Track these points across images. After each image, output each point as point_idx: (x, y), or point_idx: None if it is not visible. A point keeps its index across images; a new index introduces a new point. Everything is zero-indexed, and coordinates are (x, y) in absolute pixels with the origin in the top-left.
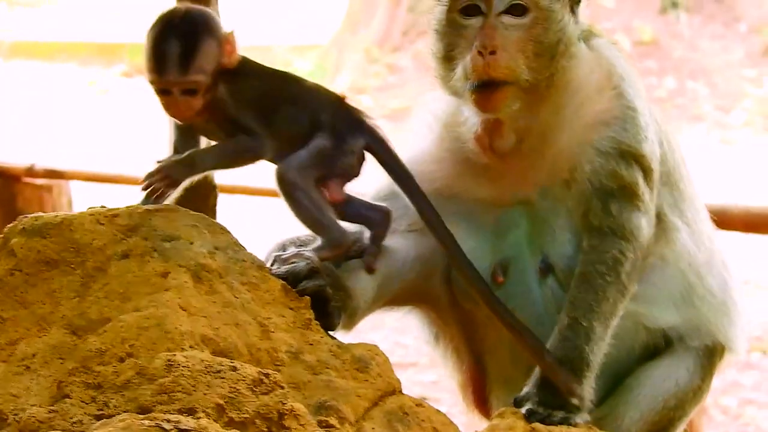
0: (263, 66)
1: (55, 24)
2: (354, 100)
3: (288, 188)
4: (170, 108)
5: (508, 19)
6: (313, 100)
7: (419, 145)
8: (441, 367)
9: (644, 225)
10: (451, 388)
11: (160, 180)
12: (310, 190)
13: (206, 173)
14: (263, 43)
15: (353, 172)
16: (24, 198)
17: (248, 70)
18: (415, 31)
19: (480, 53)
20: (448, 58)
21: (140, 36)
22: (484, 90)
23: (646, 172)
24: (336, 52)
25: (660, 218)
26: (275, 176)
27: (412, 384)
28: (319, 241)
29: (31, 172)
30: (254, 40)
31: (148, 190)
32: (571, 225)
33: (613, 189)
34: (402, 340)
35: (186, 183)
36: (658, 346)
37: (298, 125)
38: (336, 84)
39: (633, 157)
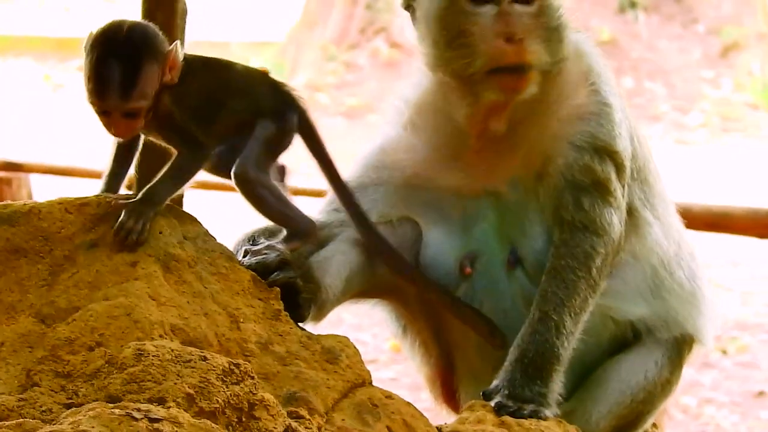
0: (202, 60)
1: (10, 18)
2: (311, 98)
3: (249, 187)
4: (111, 128)
5: (518, 8)
6: (250, 85)
7: (389, 133)
8: (400, 363)
9: (616, 221)
10: (411, 384)
11: (134, 229)
12: (270, 185)
13: None
14: (220, 40)
15: (288, 148)
16: None
17: (189, 71)
18: (372, 29)
19: (508, 39)
20: (456, 45)
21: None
22: (512, 74)
23: (619, 169)
24: (293, 50)
25: (631, 213)
26: (234, 177)
27: (373, 382)
28: (285, 232)
29: None
30: (212, 36)
31: (131, 243)
32: (541, 218)
33: (586, 184)
34: (361, 337)
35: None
36: (626, 338)
37: (242, 114)
38: (293, 82)
39: (607, 153)
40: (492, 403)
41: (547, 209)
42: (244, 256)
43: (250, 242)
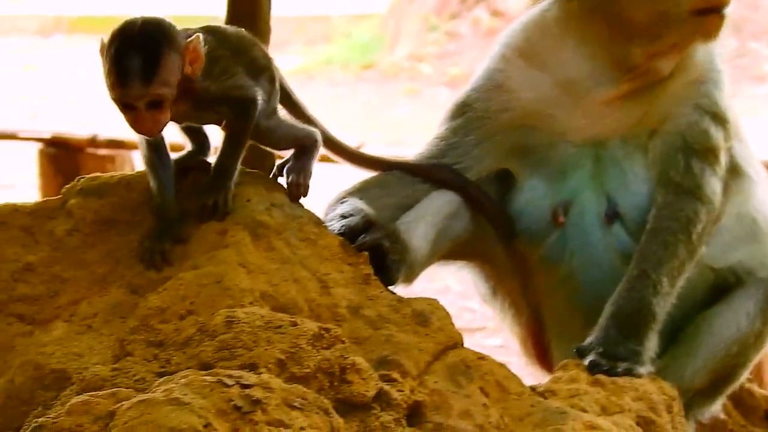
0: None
1: None
2: (414, 69)
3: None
4: (137, 124)
5: None
6: (247, 47)
7: (492, 76)
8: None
9: (719, 190)
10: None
11: (217, 207)
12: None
13: None
14: (321, 13)
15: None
16: (87, 169)
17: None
18: None
19: None
20: None
21: (198, 8)
22: (716, 15)
23: (727, 138)
24: (394, 22)
25: (735, 170)
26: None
27: (480, 348)
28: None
29: (93, 142)
30: (313, 10)
31: (218, 219)
32: (646, 176)
33: (699, 149)
34: (468, 305)
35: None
36: (724, 286)
37: (249, 73)
38: (395, 53)
39: (721, 121)
40: (585, 362)
41: (654, 168)
42: (329, 221)
43: (338, 204)
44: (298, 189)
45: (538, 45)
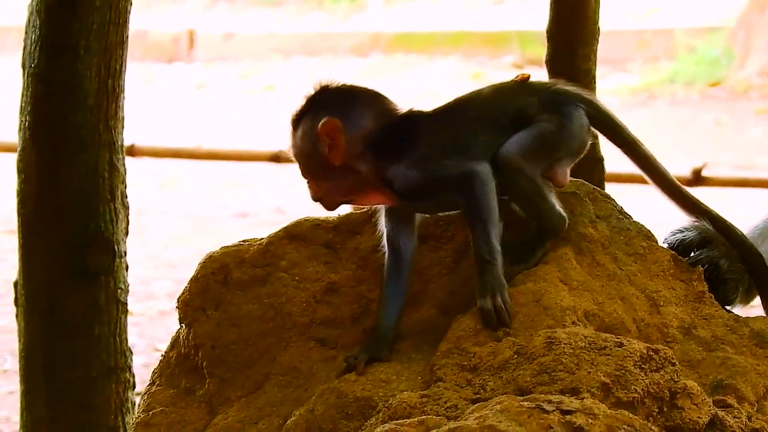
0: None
1: (436, 14)
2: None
3: (513, 174)
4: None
5: None
6: (495, 104)
7: None
8: None
9: None
10: None
11: (497, 310)
12: (534, 176)
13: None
14: (663, 27)
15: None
16: None
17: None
18: None
19: None
20: None
21: (531, 24)
22: None
23: None
24: (744, 34)
25: None
26: (500, 159)
27: None
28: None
29: None
30: (654, 23)
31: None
32: None
33: None
34: None
35: None
36: None
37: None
38: (745, 68)
39: None
40: None
41: None
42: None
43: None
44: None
45: None
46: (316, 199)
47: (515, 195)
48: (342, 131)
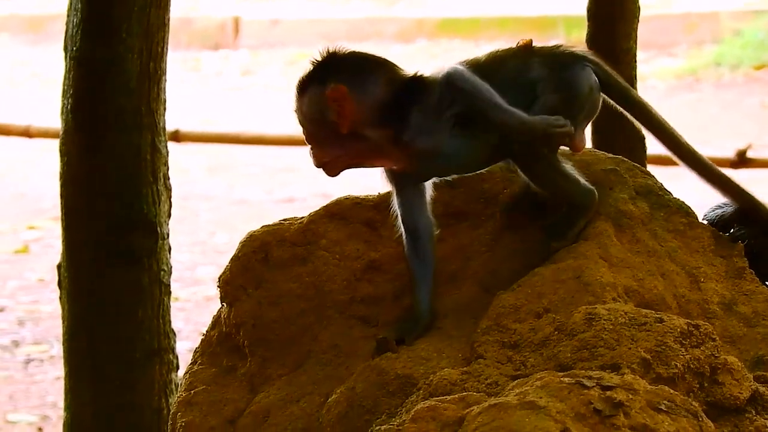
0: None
1: None
2: None
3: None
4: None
5: None
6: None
7: None
8: None
9: None
10: None
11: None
12: (551, 158)
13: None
14: (707, 9)
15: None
16: None
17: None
18: None
19: None
20: None
21: (576, 7)
22: None
23: None
24: None
25: None
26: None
27: None
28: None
29: None
30: (700, 6)
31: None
32: None
33: None
34: None
35: None
36: None
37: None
38: None
39: None
40: None
41: None
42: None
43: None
44: None
45: None
46: (319, 165)
47: (535, 180)
48: (350, 98)
